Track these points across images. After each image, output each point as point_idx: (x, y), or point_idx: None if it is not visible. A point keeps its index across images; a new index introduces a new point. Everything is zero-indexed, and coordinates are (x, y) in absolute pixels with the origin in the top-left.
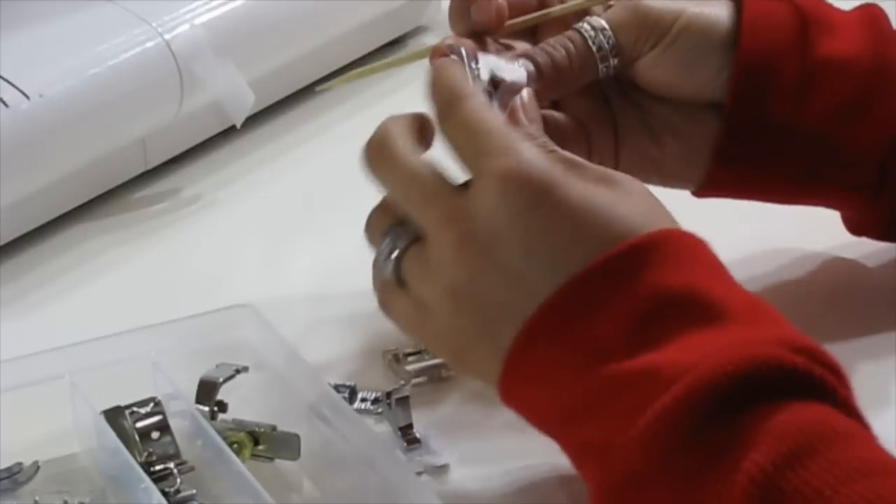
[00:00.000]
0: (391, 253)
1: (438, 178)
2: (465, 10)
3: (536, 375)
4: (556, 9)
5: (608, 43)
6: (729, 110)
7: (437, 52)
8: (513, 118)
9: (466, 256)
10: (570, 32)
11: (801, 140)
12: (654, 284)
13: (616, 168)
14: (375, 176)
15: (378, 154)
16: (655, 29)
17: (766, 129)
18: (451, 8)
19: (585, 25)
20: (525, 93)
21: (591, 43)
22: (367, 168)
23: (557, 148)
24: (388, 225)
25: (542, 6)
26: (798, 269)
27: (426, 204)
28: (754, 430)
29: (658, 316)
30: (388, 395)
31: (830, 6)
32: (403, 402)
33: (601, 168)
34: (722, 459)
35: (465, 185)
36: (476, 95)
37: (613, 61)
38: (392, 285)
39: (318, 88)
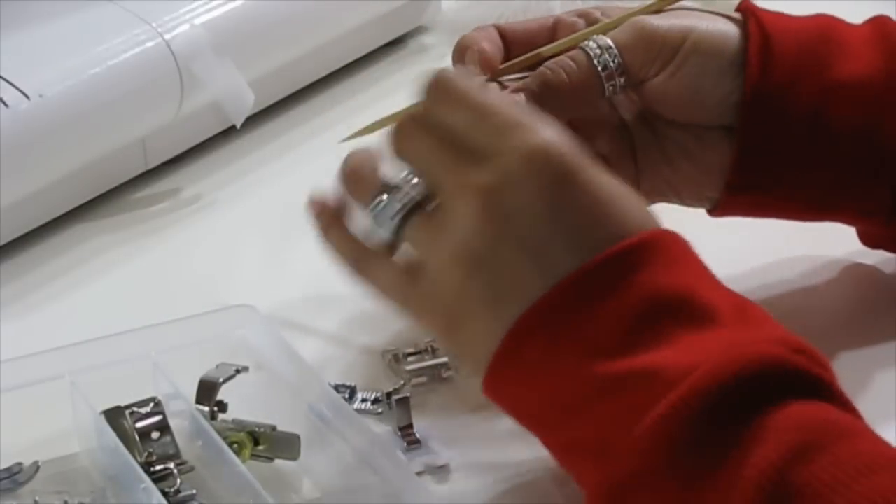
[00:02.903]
0: (399, 210)
1: (461, 147)
2: (462, 61)
3: (532, 365)
4: (546, 48)
5: (614, 62)
6: (740, 139)
7: None
8: None
9: (490, 225)
10: (574, 52)
11: (813, 167)
12: (648, 286)
13: (637, 185)
14: (396, 133)
15: (404, 122)
16: (662, 50)
17: (778, 158)
18: (453, 60)
19: (591, 44)
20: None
21: (595, 61)
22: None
23: None
24: (384, 181)
25: (552, 41)
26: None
27: (450, 169)
28: (760, 428)
29: (652, 317)
30: (388, 395)
31: (841, 21)
32: (403, 402)
33: None
34: (730, 456)
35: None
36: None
37: (620, 80)
38: (375, 245)
39: (341, 140)
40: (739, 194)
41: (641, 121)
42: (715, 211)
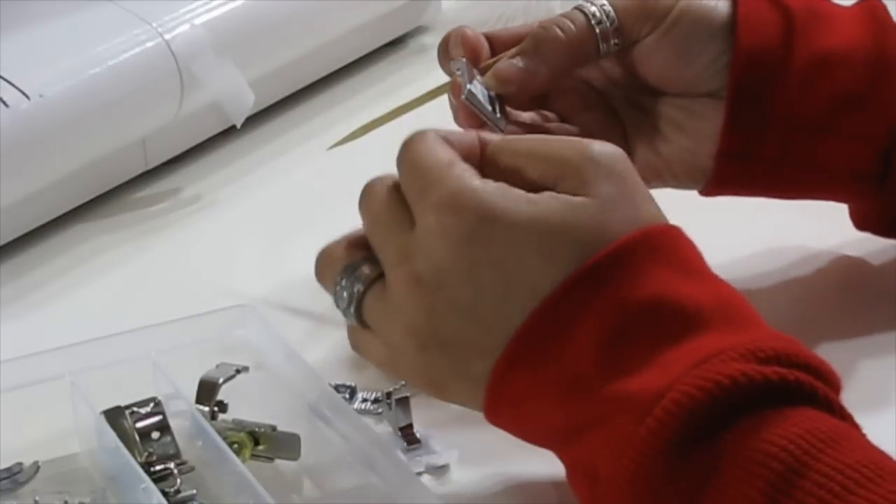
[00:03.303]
0: (350, 301)
1: (397, 215)
2: (446, 49)
3: (518, 405)
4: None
5: (610, 21)
6: (729, 103)
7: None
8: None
9: (417, 297)
10: (571, 10)
11: (803, 130)
12: (617, 303)
13: None
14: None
15: (364, 190)
16: (654, 11)
17: (768, 120)
18: (438, 53)
19: (587, 3)
20: None
21: (592, 20)
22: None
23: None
24: (342, 266)
25: None
26: (803, 267)
27: (383, 243)
28: (738, 454)
29: (626, 335)
30: (388, 395)
31: (828, 2)
32: (403, 402)
33: (546, 167)
34: (709, 486)
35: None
36: (425, 135)
37: (614, 41)
38: (359, 327)
39: (329, 147)
40: (731, 162)
41: (630, 103)
42: (707, 188)
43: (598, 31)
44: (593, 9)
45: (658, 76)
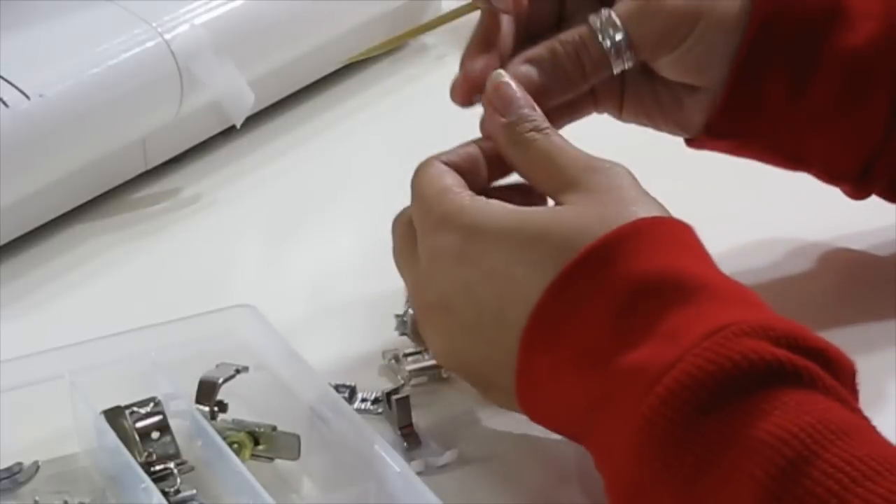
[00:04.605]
0: (404, 325)
1: (408, 249)
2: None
3: (542, 390)
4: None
5: (623, 41)
6: (749, 38)
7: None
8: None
9: (434, 324)
10: (582, 29)
11: (814, 81)
12: (624, 276)
13: (620, 109)
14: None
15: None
16: (678, 30)
17: (779, 68)
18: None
19: (597, 23)
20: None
21: (601, 38)
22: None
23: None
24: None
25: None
26: (800, 259)
27: (404, 277)
28: (746, 433)
29: (636, 305)
30: (388, 395)
31: None
32: (403, 402)
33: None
34: (716, 465)
35: None
36: (429, 164)
37: (628, 54)
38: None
39: (344, 60)
40: (741, 86)
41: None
42: (701, 137)
43: (612, 53)
44: (600, 26)
45: (674, 79)
